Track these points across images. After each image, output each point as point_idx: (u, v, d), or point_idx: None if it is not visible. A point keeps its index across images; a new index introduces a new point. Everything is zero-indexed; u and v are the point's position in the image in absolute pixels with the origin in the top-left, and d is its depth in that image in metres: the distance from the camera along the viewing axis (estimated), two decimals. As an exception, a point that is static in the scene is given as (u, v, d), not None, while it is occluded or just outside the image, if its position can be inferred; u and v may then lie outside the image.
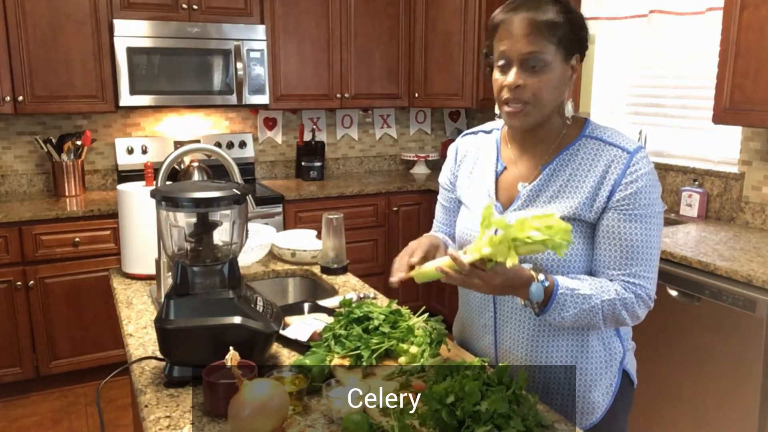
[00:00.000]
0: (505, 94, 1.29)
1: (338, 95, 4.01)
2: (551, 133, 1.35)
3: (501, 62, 1.29)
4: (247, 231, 1.52)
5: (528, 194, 1.35)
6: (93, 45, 3.35)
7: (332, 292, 1.96)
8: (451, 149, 1.57)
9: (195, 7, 3.53)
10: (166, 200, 1.34)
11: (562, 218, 1.24)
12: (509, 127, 1.40)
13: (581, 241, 1.31)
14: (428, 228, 1.58)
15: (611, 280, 1.29)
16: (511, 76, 1.26)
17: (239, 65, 3.59)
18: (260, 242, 2.11)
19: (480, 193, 1.43)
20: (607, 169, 1.29)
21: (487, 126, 1.53)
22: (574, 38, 1.26)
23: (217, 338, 1.29)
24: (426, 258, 1.36)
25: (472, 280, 1.20)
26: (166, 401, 1.27)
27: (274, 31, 3.76)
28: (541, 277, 1.22)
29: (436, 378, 1.21)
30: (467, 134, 1.55)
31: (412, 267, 1.33)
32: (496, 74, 1.31)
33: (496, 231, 1.18)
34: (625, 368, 1.44)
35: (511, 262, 1.13)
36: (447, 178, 1.57)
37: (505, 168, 1.41)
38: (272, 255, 2.28)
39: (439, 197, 1.62)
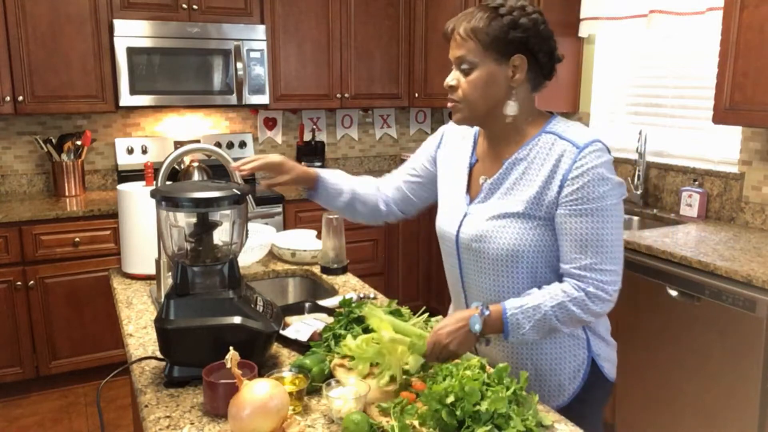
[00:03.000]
0: (448, 92, 1.41)
1: (338, 95, 4.01)
2: (510, 129, 1.40)
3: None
4: (247, 231, 1.52)
5: (489, 188, 1.42)
6: (93, 45, 3.35)
7: (332, 292, 1.96)
8: (438, 132, 1.62)
9: (195, 7, 3.54)
10: (166, 200, 1.34)
11: (512, 214, 1.35)
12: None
13: (534, 237, 1.35)
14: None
15: (568, 276, 1.33)
16: (448, 77, 1.39)
17: (239, 65, 3.59)
18: (260, 242, 2.11)
19: (454, 184, 1.51)
20: (557, 163, 1.33)
21: None
22: (504, 39, 1.30)
23: (217, 338, 1.29)
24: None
25: (435, 350, 1.31)
26: (166, 401, 1.27)
27: (274, 31, 3.76)
28: (483, 310, 1.31)
29: (436, 378, 1.21)
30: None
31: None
32: None
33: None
34: (593, 356, 1.45)
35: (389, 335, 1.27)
36: (430, 152, 1.61)
37: (477, 161, 1.48)
38: (272, 255, 2.28)
39: (413, 158, 1.66)
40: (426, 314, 1.51)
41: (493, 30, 1.30)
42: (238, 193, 1.36)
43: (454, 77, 1.37)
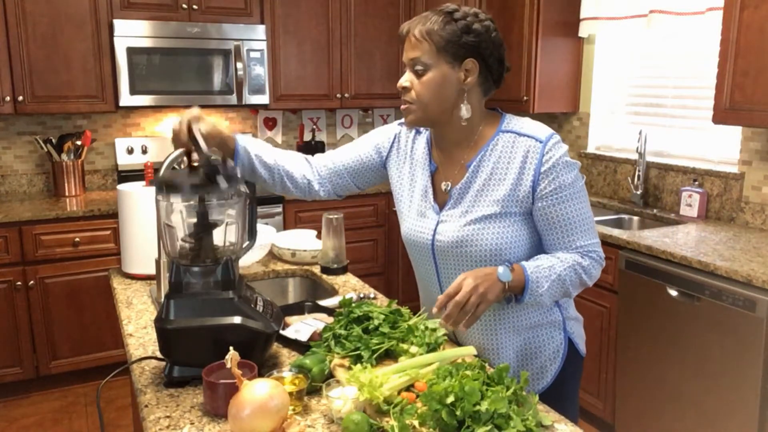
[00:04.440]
0: (400, 94, 1.43)
1: (338, 95, 4.01)
2: (465, 132, 1.43)
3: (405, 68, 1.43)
4: (256, 232, 1.52)
5: (457, 193, 1.44)
6: (93, 45, 3.35)
7: (332, 292, 1.96)
8: (390, 132, 1.61)
9: (195, 7, 3.54)
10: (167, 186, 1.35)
11: (489, 216, 1.39)
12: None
13: (515, 233, 1.40)
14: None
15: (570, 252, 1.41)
16: (401, 78, 1.41)
17: (239, 65, 3.59)
18: (260, 242, 2.11)
19: (416, 192, 1.52)
20: (524, 160, 1.38)
21: None
22: (458, 42, 1.34)
23: (217, 338, 1.29)
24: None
25: (463, 293, 1.28)
26: (166, 401, 1.27)
27: (274, 31, 3.76)
28: (506, 264, 1.36)
29: (436, 378, 1.21)
30: (404, 124, 1.56)
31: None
32: None
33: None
34: (570, 337, 1.53)
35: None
36: (380, 143, 1.61)
37: (436, 168, 1.50)
38: (272, 255, 2.28)
39: (357, 142, 1.65)
40: (426, 314, 1.51)
41: (447, 33, 1.34)
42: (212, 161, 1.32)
43: (407, 79, 1.40)
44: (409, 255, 1.58)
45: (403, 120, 1.56)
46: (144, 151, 3.77)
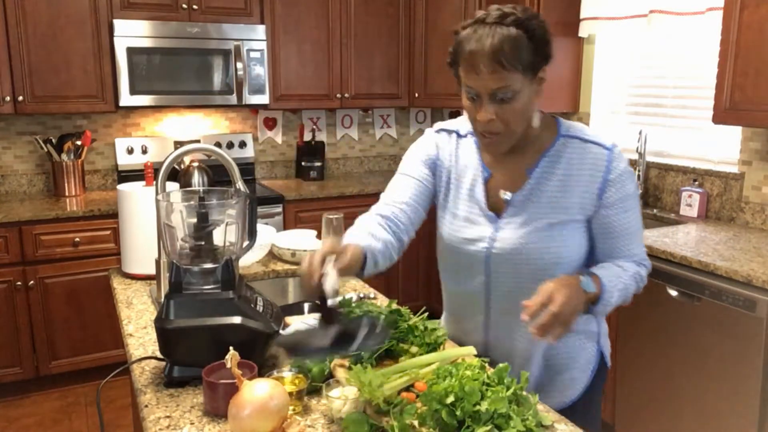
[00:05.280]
0: (479, 127, 1.32)
1: (338, 95, 4.01)
2: (524, 138, 1.36)
3: (469, 94, 1.30)
4: (256, 232, 1.52)
5: (520, 201, 1.37)
6: (93, 45, 3.35)
7: (332, 292, 1.96)
8: (431, 141, 1.49)
9: (195, 7, 3.53)
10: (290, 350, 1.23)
11: (555, 224, 1.34)
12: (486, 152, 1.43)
13: (577, 241, 1.38)
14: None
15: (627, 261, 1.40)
16: (482, 112, 1.28)
17: (239, 65, 3.59)
18: (260, 242, 2.11)
19: (468, 199, 1.42)
20: (593, 168, 1.34)
21: (460, 126, 1.50)
22: (539, 56, 1.26)
23: (217, 338, 1.29)
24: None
25: (550, 311, 1.19)
26: (166, 401, 1.27)
27: (274, 31, 3.76)
28: (585, 273, 1.33)
29: (436, 378, 1.21)
30: (442, 131, 1.50)
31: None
32: (466, 100, 1.32)
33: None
34: (601, 349, 1.51)
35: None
36: (428, 161, 1.48)
37: (491, 174, 1.42)
38: (272, 255, 2.28)
39: (408, 170, 1.48)
40: (426, 314, 1.51)
41: (532, 52, 1.24)
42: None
43: (491, 111, 1.27)
44: (448, 263, 1.50)
45: (434, 127, 1.52)
46: (144, 151, 3.77)
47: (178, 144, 3.85)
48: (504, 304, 1.43)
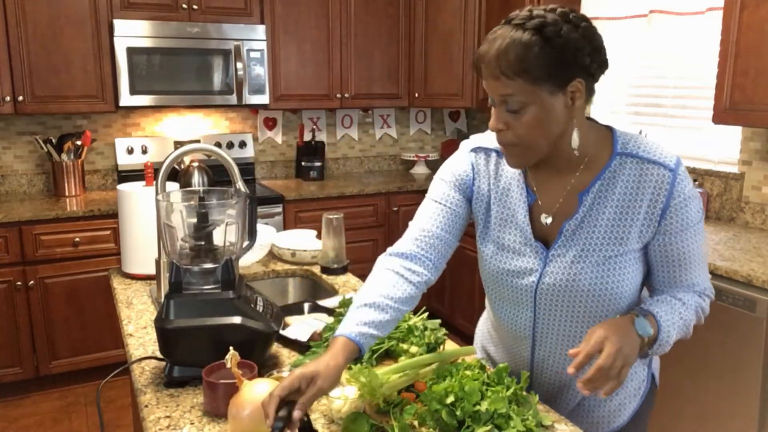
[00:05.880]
0: (494, 133, 1.21)
1: (338, 95, 4.01)
2: (573, 158, 1.21)
3: (489, 99, 1.19)
4: (256, 232, 1.52)
5: (571, 231, 1.22)
6: (93, 45, 3.35)
7: (332, 292, 1.96)
8: (466, 161, 1.33)
9: (195, 7, 3.53)
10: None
11: (616, 256, 1.20)
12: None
13: (635, 273, 1.24)
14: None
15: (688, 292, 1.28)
16: (492, 118, 1.18)
17: (239, 65, 3.59)
18: (260, 242, 2.11)
19: (512, 226, 1.28)
20: (654, 192, 1.19)
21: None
22: (562, 67, 1.10)
23: (217, 338, 1.29)
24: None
25: (598, 365, 1.08)
26: (166, 401, 1.27)
27: (274, 31, 3.76)
28: (640, 314, 1.19)
29: (436, 378, 1.21)
30: (479, 149, 1.33)
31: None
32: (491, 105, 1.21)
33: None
34: (652, 371, 1.43)
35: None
36: (462, 184, 1.33)
37: (535, 199, 1.26)
38: (272, 255, 2.28)
39: (435, 195, 1.34)
40: (426, 314, 1.51)
41: (544, 60, 1.09)
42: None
43: (501, 120, 1.16)
44: (494, 294, 1.36)
45: (469, 143, 1.35)
46: (144, 151, 3.77)
47: (178, 144, 3.85)
48: (552, 343, 1.30)
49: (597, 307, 1.24)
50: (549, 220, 1.25)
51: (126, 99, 3.40)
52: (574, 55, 1.10)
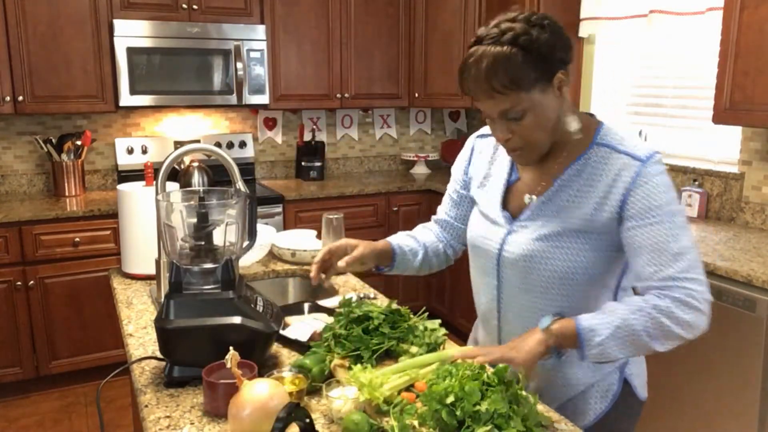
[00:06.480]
0: (501, 145, 1.33)
1: (338, 95, 4.01)
2: (559, 144, 1.32)
3: (483, 115, 1.29)
4: (256, 232, 1.52)
5: (538, 206, 1.33)
6: (93, 45, 3.35)
7: (332, 292, 1.96)
8: (467, 147, 1.55)
9: (195, 7, 3.54)
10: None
11: (565, 232, 1.28)
12: None
13: (590, 257, 1.28)
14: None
15: (648, 291, 1.24)
16: (498, 133, 1.29)
17: (239, 65, 3.59)
18: (260, 242, 2.11)
19: (491, 199, 1.43)
20: (615, 177, 1.24)
21: None
22: (546, 65, 1.20)
23: (217, 338, 1.29)
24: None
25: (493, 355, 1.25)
26: (166, 401, 1.27)
27: (274, 31, 3.76)
28: (547, 316, 1.27)
29: (436, 378, 1.21)
30: (486, 135, 1.50)
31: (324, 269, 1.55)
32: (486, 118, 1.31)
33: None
34: (626, 377, 1.41)
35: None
36: (460, 174, 1.55)
37: (518, 178, 1.40)
38: (272, 255, 2.28)
39: (448, 187, 1.60)
40: (426, 314, 1.51)
41: (529, 69, 1.19)
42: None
43: (505, 130, 1.26)
44: (471, 263, 1.49)
45: (478, 132, 1.53)
46: (144, 151, 3.77)
47: (178, 144, 3.85)
48: (514, 314, 1.39)
49: (551, 286, 1.31)
50: (531, 199, 1.36)
51: (126, 99, 3.40)
52: (551, 54, 1.21)
